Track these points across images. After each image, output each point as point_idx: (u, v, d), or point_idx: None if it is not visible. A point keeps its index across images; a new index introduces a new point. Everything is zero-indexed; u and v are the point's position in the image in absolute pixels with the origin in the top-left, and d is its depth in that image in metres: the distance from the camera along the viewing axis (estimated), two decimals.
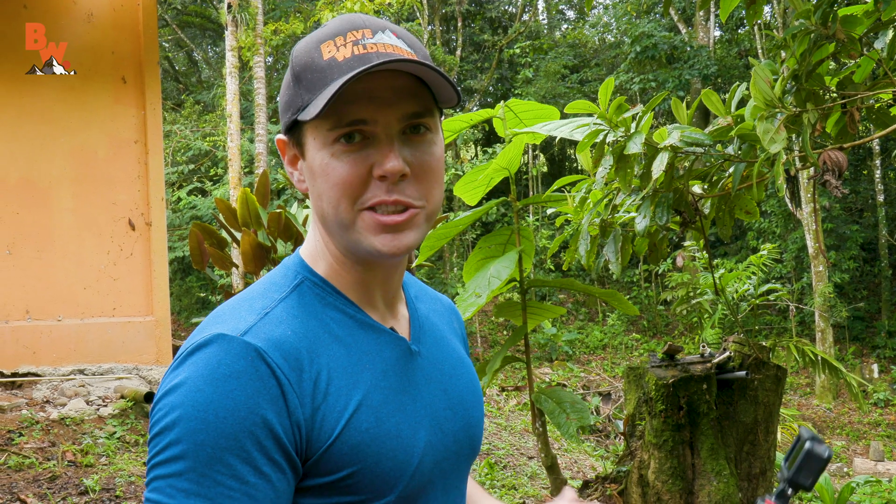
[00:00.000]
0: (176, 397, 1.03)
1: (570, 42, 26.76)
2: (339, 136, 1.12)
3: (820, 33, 2.69)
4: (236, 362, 1.04)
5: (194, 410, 1.01)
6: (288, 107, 1.18)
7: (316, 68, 1.13)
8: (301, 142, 1.18)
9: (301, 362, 1.09)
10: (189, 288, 21.35)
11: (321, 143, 1.14)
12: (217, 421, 1.00)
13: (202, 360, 1.05)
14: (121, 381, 6.58)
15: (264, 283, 1.21)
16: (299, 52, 1.18)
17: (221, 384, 1.02)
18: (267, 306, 1.13)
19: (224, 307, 1.16)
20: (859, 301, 19.49)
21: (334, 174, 1.13)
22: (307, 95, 1.14)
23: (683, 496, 3.65)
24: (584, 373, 16.08)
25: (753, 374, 3.69)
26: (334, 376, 1.12)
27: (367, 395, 1.14)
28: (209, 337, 1.07)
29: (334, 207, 1.14)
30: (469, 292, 4.12)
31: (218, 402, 1.01)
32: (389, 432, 1.14)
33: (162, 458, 1.02)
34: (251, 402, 1.02)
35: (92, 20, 7.40)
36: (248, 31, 17.16)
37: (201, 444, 1.00)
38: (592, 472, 7.06)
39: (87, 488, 4.81)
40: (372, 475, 1.11)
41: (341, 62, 1.11)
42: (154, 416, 1.06)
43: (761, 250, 7.99)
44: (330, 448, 1.09)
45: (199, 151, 22.23)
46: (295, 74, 1.17)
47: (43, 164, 7.13)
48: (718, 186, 3.40)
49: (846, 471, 11.55)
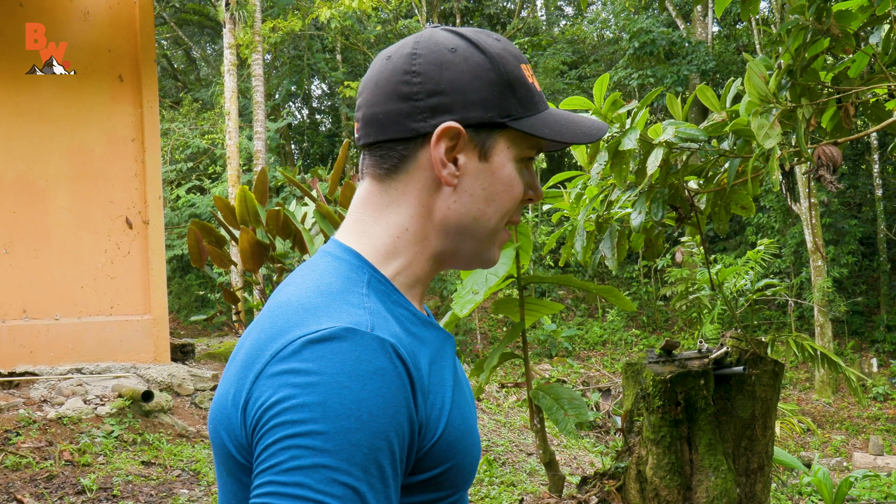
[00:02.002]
0: (313, 394, 0.97)
1: (569, 38, 26.76)
2: (529, 157, 1.21)
3: (815, 29, 2.69)
4: (377, 359, 1.01)
5: (344, 408, 0.97)
6: (489, 105, 1.16)
7: (526, 86, 1.18)
8: (487, 144, 1.17)
9: (415, 357, 1.09)
10: (188, 286, 21.35)
11: (513, 156, 1.18)
12: (371, 420, 0.98)
13: (336, 355, 1.00)
14: (118, 379, 6.57)
15: (334, 275, 1.14)
16: (502, 58, 1.18)
17: (369, 381, 0.99)
18: (362, 302, 1.10)
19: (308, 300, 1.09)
20: (858, 296, 19.49)
21: (516, 189, 1.19)
22: (521, 109, 1.17)
23: (681, 492, 3.64)
24: (584, 369, 16.08)
25: (751, 369, 3.69)
26: (432, 373, 1.12)
27: (452, 392, 1.15)
28: (334, 330, 1.02)
29: (500, 216, 1.20)
30: (466, 289, 4.13)
31: (370, 401, 0.98)
32: (469, 427, 1.17)
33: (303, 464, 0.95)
34: (397, 401, 1.01)
35: (88, 18, 7.39)
36: (246, 28, 17.15)
37: (357, 445, 0.96)
38: (591, 469, 7.06)
39: (85, 488, 4.81)
40: (459, 470, 1.13)
41: (540, 94, 1.21)
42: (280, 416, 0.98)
43: (759, 245, 7.99)
44: (434, 445, 1.08)
45: (197, 149, 22.22)
46: (508, 81, 1.17)
47: (40, 162, 7.13)
48: (714, 182, 3.40)
49: (845, 465, 11.56)
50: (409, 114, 1.15)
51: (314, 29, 23.72)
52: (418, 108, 1.14)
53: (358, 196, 1.23)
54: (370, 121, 1.18)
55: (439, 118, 1.14)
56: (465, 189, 1.16)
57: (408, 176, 1.17)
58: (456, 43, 1.16)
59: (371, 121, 1.18)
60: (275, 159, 22.60)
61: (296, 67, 24.94)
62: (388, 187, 1.19)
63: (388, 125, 1.16)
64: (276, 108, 25.68)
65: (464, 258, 1.22)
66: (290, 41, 23.87)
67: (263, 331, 1.08)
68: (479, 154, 1.16)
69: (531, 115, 1.17)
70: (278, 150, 24.22)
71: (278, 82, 25.59)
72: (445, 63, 1.15)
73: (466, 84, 1.15)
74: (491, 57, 1.16)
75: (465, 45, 1.16)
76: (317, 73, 26.07)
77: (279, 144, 24.16)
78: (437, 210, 1.18)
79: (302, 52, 24.73)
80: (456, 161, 1.16)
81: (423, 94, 1.14)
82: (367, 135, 1.19)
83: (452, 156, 1.15)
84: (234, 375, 1.10)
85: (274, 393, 1.00)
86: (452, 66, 1.15)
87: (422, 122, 1.14)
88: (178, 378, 6.91)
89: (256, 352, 1.07)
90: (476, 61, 1.15)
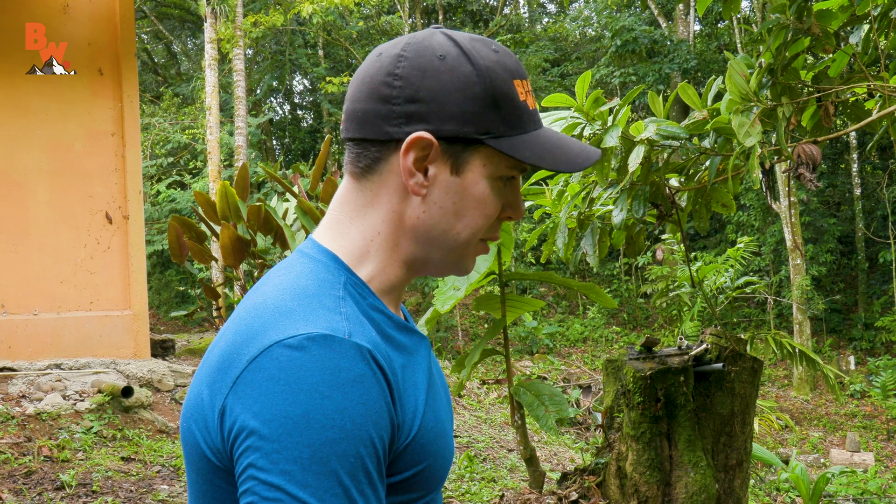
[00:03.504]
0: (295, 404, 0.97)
1: (551, 36, 26.79)
2: (508, 176, 1.17)
3: (796, 28, 2.71)
4: (356, 366, 1.01)
5: (327, 419, 0.97)
6: (469, 120, 1.12)
7: (515, 105, 1.14)
8: (462, 158, 1.14)
9: (391, 363, 1.08)
10: (168, 282, 21.26)
11: (488, 174, 1.15)
12: (355, 428, 0.98)
13: (316, 363, 0.99)
14: (98, 375, 6.54)
15: (310, 277, 1.13)
16: (493, 73, 1.14)
17: (350, 389, 0.99)
18: (338, 305, 1.09)
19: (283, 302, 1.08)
20: (836, 294, 19.65)
21: (490, 207, 1.17)
22: (504, 128, 1.13)
23: (661, 487, 3.67)
24: (565, 365, 16.13)
25: (730, 366, 3.71)
26: (405, 376, 1.11)
27: (425, 394, 1.15)
28: (311, 336, 1.01)
29: (470, 232, 1.18)
30: (448, 285, 4.13)
31: (352, 409, 0.98)
32: (442, 430, 1.17)
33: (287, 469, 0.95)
34: (377, 407, 1.01)
35: (68, 11, 7.34)
36: (227, 23, 17.08)
37: (343, 455, 0.96)
38: (571, 465, 7.09)
39: (64, 483, 4.78)
40: (431, 472, 1.13)
41: (532, 112, 1.18)
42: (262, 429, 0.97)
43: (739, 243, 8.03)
44: (407, 447, 1.08)
45: (178, 144, 22.11)
46: (493, 97, 1.13)
47: (19, 156, 7.07)
48: (695, 179, 3.42)
49: (823, 461, 11.66)
50: (385, 116, 1.13)
51: (296, 24, 23.65)
52: (394, 113, 1.12)
53: (338, 193, 1.23)
54: (351, 116, 1.17)
55: (413, 126, 1.12)
56: (434, 200, 1.15)
57: (381, 178, 1.16)
58: (447, 50, 1.13)
59: (352, 116, 1.16)
60: (256, 155, 22.50)
61: (277, 63, 24.85)
62: (364, 187, 1.18)
63: (365, 124, 1.15)
64: (258, 104, 25.58)
65: (435, 266, 1.21)
66: (271, 36, 23.78)
67: (238, 332, 1.07)
68: (452, 168, 1.14)
69: (515, 135, 1.14)
70: (259, 146, 24.12)
71: (260, 77, 25.49)
72: (430, 70, 1.12)
73: (447, 95, 1.12)
74: (479, 69, 1.12)
75: (456, 53, 1.13)
76: (298, 69, 25.99)
77: (260, 140, 24.06)
78: (407, 217, 1.17)
79: (283, 47, 24.65)
80: (427, 171, 1.13)
81: (401, 99, 1.12)
82: (347, 129, 1.18)
83: (423, 166, 1.13)
84: (208, 376, 1.08)
85: (253, 404, 0.99)
86: (436, 74, 1.12)
87: (396, 128, 1.12)
88: (158, 374, 6.88)
89: (231, 354, 1.05)
90: (462, 72, 1.12)
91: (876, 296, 19.34)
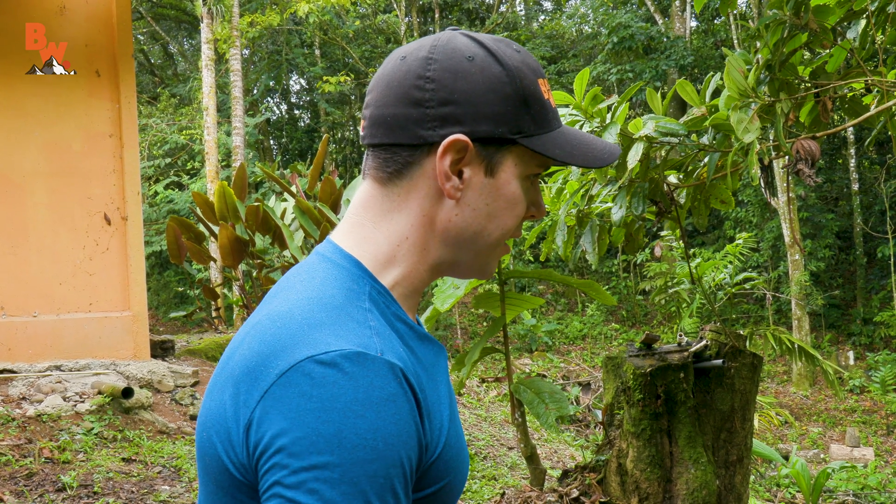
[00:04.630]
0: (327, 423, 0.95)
1: (548, 33, 26.80)
2: (534, 175, 1.18)
3: (793, 23, 2.71)
4: (388, 385, 0.99)
5: (360, 438, 0.95)
6: (501, 121, 1.12)
7: (541, 103, 1.15)
8: (495, 159, 1.14)
9: (420, 380, 1.07)
10: (167, 283, 21.25)
11: (520, 173, 1.16)
12: (387, 448, 0.96)
13: (349, 381, 0.97)
14: (98, 376, 6.54)
15: (337, 286, 1.11)
16: (520, 72, 1.14)
17: (383, 409, 0.97)
18: (366, 318, 1.07)
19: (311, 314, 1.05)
20: (835, 289, 19.67)
21: (520, 207, 1.17)
22: (534, 126, 1.14)
23: (661, 484, 3.67)
24: (564, 363, 16.14)
25: (730, 362, 3.72)
26: (429, 392, 1.10)
27: (450, 410, 1.14)
28: (344, 353, 0.99)
29: (500, 232, 1.18)
30: (448, 284, 4.13)
31: (385, 429, 0.97)
32: (462, 445, 1.17)
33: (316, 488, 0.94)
34: (408, 427, 1.00)
35: (65, 13, 7.33)
36: (223, 23, 17.07)
37: (374, 476, 0.95)
38: (572, 462, 7.09)
39: (65, 485, 4.78)
40: (451, 488, 1.12)
41: (555, 111, 1.19)
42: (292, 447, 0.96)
43: (738, 239, 8.04)
44: (432, 465, 1.07)
45: (175, 145, 22.10)
46: (523, 95, 1.13)
47: (16, 158, 7.06)
48: (693, 176, 3.42)
49: (822, 457, 11.67)
50: (419, 120, 1.11)
51: (292, 24, 23.64)
52: (428, 116, 1.10)
53: (359, 197, 1.19)
54: (378, 121, 1.14)
55: (448, 129, 1.10)
56: (467, 203, 1.14)
57: (411, 183, 1.14)
58: (474, 51, 1.12)
59: (379, 121, 1.14)
60: (253, 155, 22.51)
61: (274, 62, 24.84)
62: (391, 192, 1.15)
63: (395, 129, 1.12)
64: (255, 104, 25.58)
65: (462, 269, 1.21)
66: (268, 36, 23.75)
67: (264, 343, 1.04)
68: (486, 169, 1.13)
69: (543, 133, 1.15)
70: (257, 146, 24.13)
71: (256, 77, 25.49)
72: (461, 72, 1.11)
73: (480, 96, 1.11)
74: (509, 70, 1.12)
75: (483, 54, 1.12)
76: (295, 69, 25.98)
77: (258, 140, 24.07)
78: (438, 221, 1.15)
79: (280, 47, 24.63)
80: (461, 174, 1.12)
81: (435, 102, 1.10)
82: (374, 135, 1.15)
83: (458, 168, 1.12)
84: (232, 385, 1.05)
85: (283, 420, 0.97)
86: (468, 75, 1.11)
87: (430, 131, 1.11)
88: (158, 375, 6.88)
89: (258, 366, 1.02)
90: (493, 73, 1.11)
91: (874, 291, 19.36)
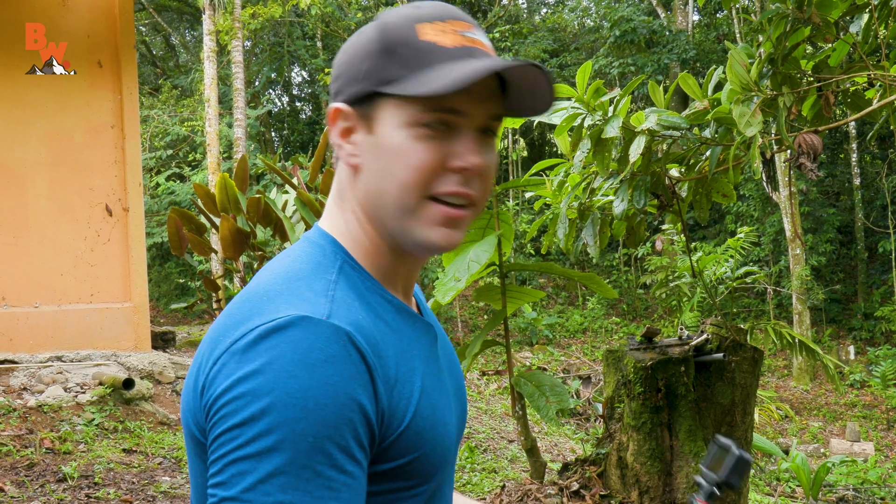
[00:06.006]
0: (261, 384, 0.97)
1: (550, 26, 26.73)
2: (429, 121, 1.09)
3: (796, 17, 2.71)
4: (329, 346, 1.00)
5: (290, 398, 0.96)
6: (365, 76, 1.12)
7: (412, 46, 1.09)
8: (372, 115, 1.12)
9: (378, 346, 1.06)
10: (168, 274, 21.25)
11: (403, 123, 1.10)
12: (318, 408, 0.96)
13: (287, 344, 0.99)
14: (99, 367, 6.55)
15: (306, 261, 1.14)
16: (391, 24, 1.12)
17: (318, 369, 0.98)
18: (328, 288, 1.09)
19: (273, 286, 1.09)
20: (836, 284, 19.65)
21: (413, 157, 1.09)
22: (400, 71, 1.09)
23: (662, 477, 3.68)
24: (565, 356, 16.15)
25: (731, 356, 3.72)
26: (400, 362, 1.10)
27: (423, 382, 1.13)
28: (289, 319, 1.01)
29: (401, 190, 1.11)
30: (449, 276, 4.13)
31: (318, 389, 0.97)
32: (440, 419, 1.15)
33: (248, 452, 0.96)
34: (349, 388, 0.99)
35: (67, 4, 7.32)
36: (225, 14, 17.03)
37: (301, 434, 0.95)
38: (572, 455, 7.11)
39: (66, 475, 4.79)
40: (427, 460, 1.11)
41: (450, 49, 1.09)
42: (225, 405, 0.99)
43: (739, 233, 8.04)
44: (401, 435, 1.07)
45: (177, 136, 22.08)
46: (385, 46, 1.10)
47: (18, 148, 7.06)
48: (695, 170, 3.42)
49: (823, 451, 11.68)
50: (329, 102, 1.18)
51: (294, 16, 23.58)
52: (330, 95, 1.18)
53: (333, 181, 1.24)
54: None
55: (334, 103, 1.15)
56: (366, 168, 1.14)
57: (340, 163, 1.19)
58: (367, 24, 1.16)
59: None
60: (255, 147, 22.47)
61: (276, 54, 24.79)
62: (339, 174, 1.20)
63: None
64: (256, 96, 25.54)
65: (401, 241, 1.16)
66: (270, 28, 23.70)
67: (230, 316, 1.08)
68: (368, 129, 1.13)
69: (415, 75, 1.08)
70: (258, 138, 24.09)
71: (258, 69, 25.44)
72: (345, 47, 1.17)
73: (350, 62, 1.14)
74: (380, 27, 1.13)
75: (370, 23, 1.16)
76: (297, 61, 25.93)
77: (259, 132, 24.03)
78: (356, 193, 1.17)
79: (282, 38, 24.58)
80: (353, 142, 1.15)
81: (331, 81, 1.18)
82: None
83: (347, 137, 1.15)
84: (198, 358, 1.10)
85: (224, 381, 1.00)
86: (347, 48, 1.16)
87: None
88: (159, 366, 6.89)
89: (219, 336, 1.06)
90: (366, 36, 1.14)
91: (875, 285, 19.35)
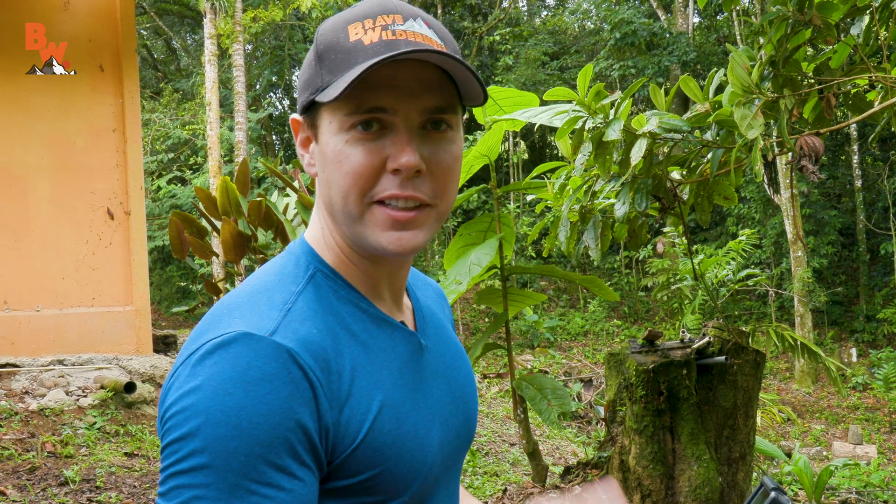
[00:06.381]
0: (198, 400, 0.97)
1: (550, 29, 26.74)
2: (356, 123, 1.07)
3: (797, 19, 2.70)
4: (268, 364, 0.99)
5: (223, 416, 0.95)
6: (307, 86, 1.12)
7: (340, 49, 1.08)
8: (316, 124, 1.12)
9: (329, 362, 1.05)
10: (169, 277, 21.27)
11: (337, 128, 1.08)
12: (251, 427, 0.95)
13: (227, 361, 0.98)
14: (100, 371, 6.54)
15: (276, 272, 1.14)
16: (325, 30, 1.12)
17: (254, 388, 0.97)
18: (287, 300, 1.08)
19: (237, 299, 1.09)
20: (838, 286, 19.63)
21: (347, 162, 1.08)
22: (328, 76, 1.08)
23: (664, 481, 3.67)
24: (566, 359, 16.14)
25: (733, 358, 3.71)
26: (356, 375, 1.08)
27: (387, 395, 1.10)
28: (232, 335, 1.01)
29: (343, 197, 1.09)
30: (450, 279, 4.13)
31: (251, 407, 0.96)
32: (409, 433, 1.12)
33: (183, 468, 0.95)
34: (286, 407, 0.98)
35: (69, 8, 7.33)
36: (226, 18, 17.05)
37: (233, 452, 0.94)
38: (574, 459, 7.10)
39: (68, 479, 4.79)
40: (392, 476, 1.09)
41: (367, 46, 1.06)
42: (169, 420, 0.99)
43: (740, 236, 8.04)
44: (355, 451, 1.05)
45: (178, 140, 22.10)
46: (318, 53, 1.11)
47: (20, 152, 7.07)
48: (697, 172, 3.42)
49: (825, 454, 11.66)
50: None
51: (295, 19, 23.62)
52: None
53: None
54: None
55: (293, 114, 1.18)
56: (319, 176, 1.14)
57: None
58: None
59: None
60: (256, 150, 22.50)
61: (277, 58, 24.82)
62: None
63: None
64: (258, 99, 25.56)
65: (360, 247, 1.15)
66: (270, 31, 23.73)
67: (198, 328, 1.09)
68: (315, 138, 1.14)
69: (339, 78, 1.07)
70: (259, 141, 24.12)
71: (259, 73, 25.46)
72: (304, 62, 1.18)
73: (301, 72, 1.16)
74: (315, 37, 1.14)
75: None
76: (298, 64, 25.92)
77: (260, 135, 24.06)
78: (321, 204, 1.18)
79: (283, 42, 24.61)
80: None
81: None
82: None
83: (306, 147, 1.18)
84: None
85: (174, 394, 1.01)
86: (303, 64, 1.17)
87: None
88: (161, 369, 6.89)
89: (185, 348, 1.07)
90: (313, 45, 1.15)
91: (877, 288, 19.33)
